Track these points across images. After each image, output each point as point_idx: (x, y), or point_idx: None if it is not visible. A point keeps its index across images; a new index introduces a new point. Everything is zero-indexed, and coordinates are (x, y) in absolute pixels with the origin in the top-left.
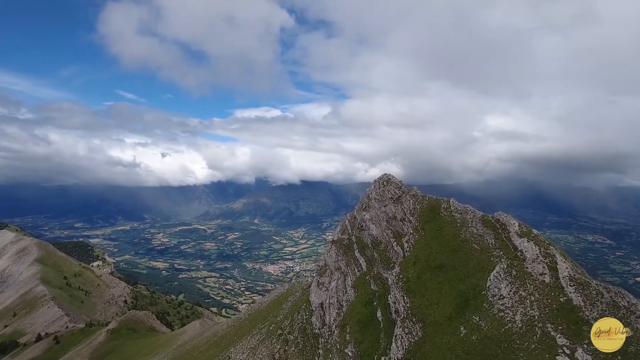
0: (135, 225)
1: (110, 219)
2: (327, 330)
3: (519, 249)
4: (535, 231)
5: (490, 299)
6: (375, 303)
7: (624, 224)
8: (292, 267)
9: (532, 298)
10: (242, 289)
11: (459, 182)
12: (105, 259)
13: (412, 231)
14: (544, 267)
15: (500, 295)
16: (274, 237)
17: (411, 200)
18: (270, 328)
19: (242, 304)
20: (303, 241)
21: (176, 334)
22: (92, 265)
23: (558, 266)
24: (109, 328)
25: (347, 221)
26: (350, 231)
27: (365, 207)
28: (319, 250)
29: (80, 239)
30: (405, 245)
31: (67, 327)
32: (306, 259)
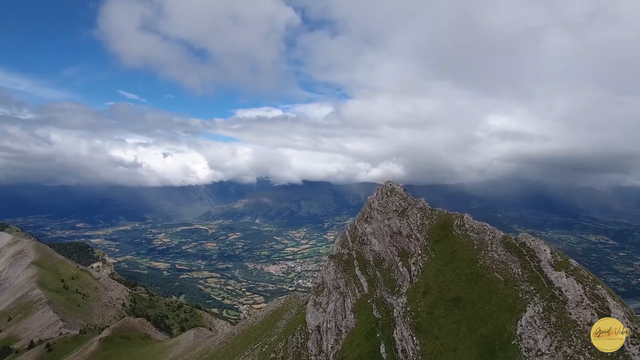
0: (136, 225)
1: (112, 219)
2: (324, 358)
3: (556, 285)
4: (574, 262)
5: (524, 353)
6: (378, 335)
7: (626, 224)
8: (293, 267)
9: (583, 359)
10: (243, 289)
11: (461, 182)
12: (105, 259)
13: (420, 251)
14: (592, 315)
15: (538, 351)
16: (275, 237)
17: (418, 214)
18: (263, 350)
19: (243, 304)
20: (304, 241)
21: (169, 345)
22: (92, 267)
23: (612, 314)
24: (101, 336)
25: (347, 232)
26: (350, 244)
27: (367, 217)
28: (320, 251)
29: (82, 239)
30: (413, 267)
31: (60, 334)
32: (307, 259)
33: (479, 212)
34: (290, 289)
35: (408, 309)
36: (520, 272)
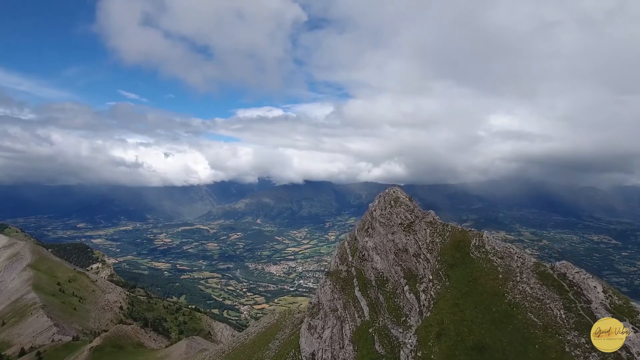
0: (137, 225)
1: (113, 219)
2: None
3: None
4: (637, 305)
5: None
6: None
7: (629, 223)
8: (294, 267)
9: None
10: (244, 289)
11: (463, 181)
12: (104, 261)
13: (431, 276)
14: None
15: None
16: (276, 237)
17: (427, 230)
18: None
19: (244, 305)
20: (305, 241)
21: (160, 357)
22: (92, 268)
23: None
24: (92, 345)
25: (346, 242)
26: (350, 259)
27: (368, 228)
28: (322, 251)
29: (83, 239)
30: (423, 295)
31: (53, 340)
32: (309, 260)
33: (481, 212)
34: (291, 289)
35: (419, 354)
36: (563, 316)
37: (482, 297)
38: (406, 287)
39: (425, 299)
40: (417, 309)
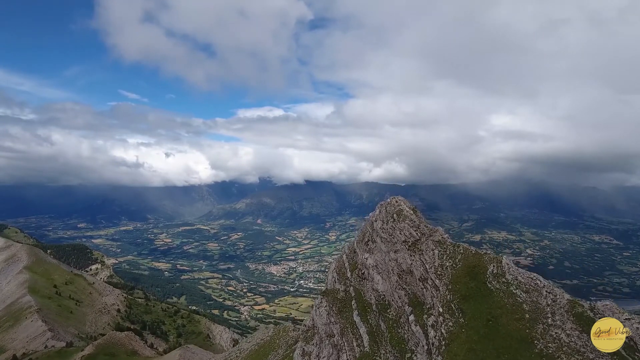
0: (138, 225)
1: (114, 219)
2: None
3: None
4: None
5: None
6: None
7: (631, 224)
8: (295, 267)
9: None
10: (244, 290)
11: (464, 181)
12: (104, 262)
13: (441, 309)
14: None
15: None
16: (277, 237)
17: (436, 251)
18: None
19: (245, 305)
20: (306, 241)
21: None
22: (91, 269)
23: None
24: (83, 354)
25: (344, 256)
26: (348, 275)
27: (368, 241)
28: (322, 251)
29: (84, 240)
30: (432, 331)
31: (46, 346)
32: (309, 260)
33: (482, 212)
34: (292, 289)
35: None
36: None
37: (505, 342)
38: (411, 317)
39: (434, 337)
40: (425, 347)
